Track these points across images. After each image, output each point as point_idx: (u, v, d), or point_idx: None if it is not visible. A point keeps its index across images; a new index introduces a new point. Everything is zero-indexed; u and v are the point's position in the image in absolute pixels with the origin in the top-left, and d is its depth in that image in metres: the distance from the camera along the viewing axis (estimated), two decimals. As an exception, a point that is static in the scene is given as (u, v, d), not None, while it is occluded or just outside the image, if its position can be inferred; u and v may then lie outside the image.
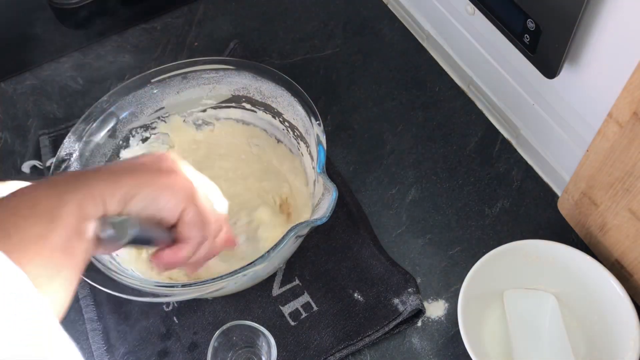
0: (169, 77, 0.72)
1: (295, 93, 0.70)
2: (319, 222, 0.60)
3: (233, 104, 0.74)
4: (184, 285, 0.60)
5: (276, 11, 0.91)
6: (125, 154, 0.73)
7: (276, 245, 0.60)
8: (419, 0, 0.84)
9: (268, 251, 0.59)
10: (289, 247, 0.63)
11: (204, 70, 0.72)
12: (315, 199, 0.63)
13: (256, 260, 0.60)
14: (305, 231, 0.61)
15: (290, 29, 0.89)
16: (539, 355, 0.62)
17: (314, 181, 0.66)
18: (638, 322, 0.59)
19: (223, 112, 0.76)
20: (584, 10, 0.54)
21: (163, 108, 0.74)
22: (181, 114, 0.75)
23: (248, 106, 0.74)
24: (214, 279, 0.59)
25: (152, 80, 0.72)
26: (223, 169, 0.75)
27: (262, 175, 0.75)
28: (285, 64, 0.86)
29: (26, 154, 0.81)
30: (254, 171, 0.75)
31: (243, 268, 0.59)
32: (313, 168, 0.66)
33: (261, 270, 0.61)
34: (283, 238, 0.60)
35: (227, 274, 0.59)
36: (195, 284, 0.60)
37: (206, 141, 0.77)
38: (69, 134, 0.70)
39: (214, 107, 0.75)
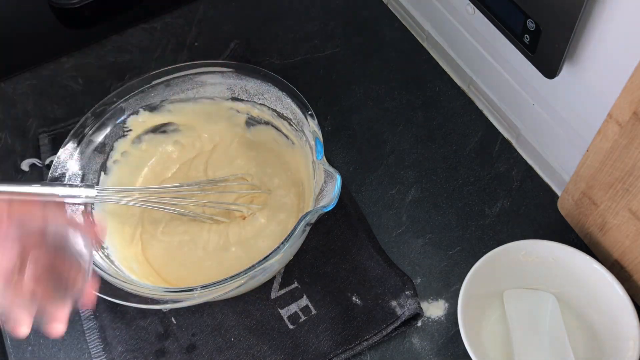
0: (151, 86, 0.72)
1: (282, 87, 0.70)
2: (326, 209, 0.60)
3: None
4: (203, 287, 0.60)
5: (276, 11, 0.91)
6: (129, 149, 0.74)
7: (289, 235, 0.60)
8: (419, 0, 0.84)
9: (282, 242, 0.60)
10: (300, 238, 0.63)
11: (187, 75, 0.73)
12: (317, 188, 0.63)
13: (271, 253, 0.60)
14: (314, 219, 0.61)
15: (290, 29, 0.89)
16: (539, 355, 0.62)
17: (314, 171, 0.66)
18: (638, 322, 0.59)
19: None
20: (584, 10, 0.53)
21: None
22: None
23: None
24: (232, 276, 0.59)
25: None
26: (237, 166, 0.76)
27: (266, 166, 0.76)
28: (285, 64, 0.86)
29: (26, 154, 0.81)
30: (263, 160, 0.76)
31: (260, 262, 0.59)
32: (313, 162, 0.66)
33: (275, 264, 0.61)
34: (295, 227, 0.60)
35: (243, 271, 0.59)
36: (213, 284, 0.60)
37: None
38: (70, 133, 0.70)
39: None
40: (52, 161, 0.73)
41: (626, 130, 0.55)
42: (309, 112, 0.68)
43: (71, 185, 0.67)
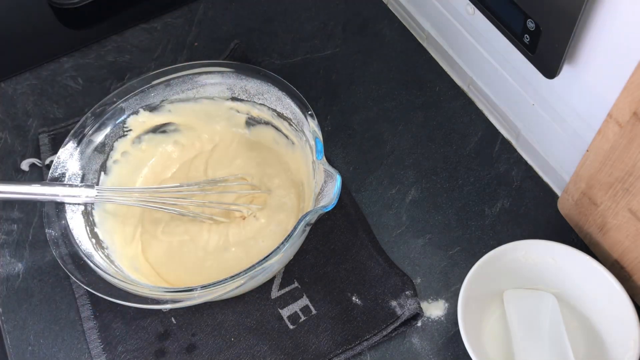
0: (151, 86, 0.72)
1: (282, 87, 0.70)
2: (326, 209, 0.60)
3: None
4: (203, 287, 0.60)
5: (276, 11, 0.91)
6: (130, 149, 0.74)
7: (289, 235, 0.60)
8: (419, 0, 0.84)
9: (282, 242, 0.60)
10: (300, 238, 0.63)
11: (187, 75, 0.73)
12: (317, 188, 0.63)
13: (271, 253, 0.60)
14: (314, 219, 0.61)
15: (290, 29, 0.89)
16: (539, 355, 0.62)
17: (314, 171, 0.66)
18: (638, 322, 0.59)
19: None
20: (583, 10, 0.53)
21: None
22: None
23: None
24: (232, 276, 0.59)
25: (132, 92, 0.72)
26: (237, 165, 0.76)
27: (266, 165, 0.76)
28: (285, 64, 0.86)
29: (26, 154, 0.81)
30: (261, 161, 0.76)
31: (260, 262, 0.59)
32: (313, 162, 0.66)
33: (275, 264, 0.61)
34: (295, 227, 0.60)
35: (243, 271, 0.59)
36: (213, 284, 0.60)
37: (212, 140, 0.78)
38: (70, 133, 0.70)
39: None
40: (52, 161, 0.73)
41: (626, 130, 0.55)
42: (309, 112, 0.68)
43: (71, 185, 0.67)
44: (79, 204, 0.67)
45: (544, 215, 0.72)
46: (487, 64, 0.75)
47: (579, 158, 0.64)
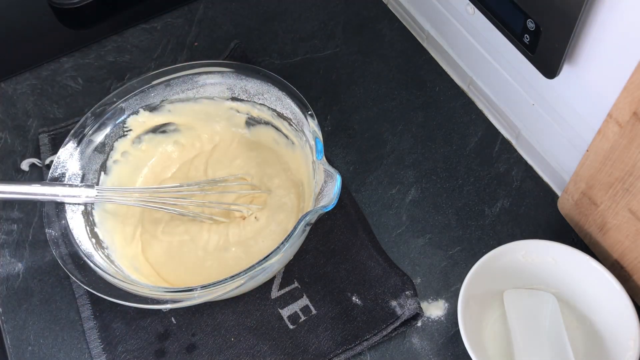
0: (151, 86, 0.72)
1: (282, 87, 0.70)
2: (326, 209, 0.60)
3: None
4: (203, 287, 0.60)
5: (276, 11, 0.91)
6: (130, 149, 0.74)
7: (289, 235, 0.60)
8: (419, 0, 0.84)
9: (282, 242, 0.60)
10: (300, 238, 0.63)
11: (187, 75, 0.73)
12: (317, 188, 0.63)
13: (271, 253, 0.60)
14: (314, 219, 0.61)
15: (290, 29, 0.89)
16: (539, 355, 0.62)
17: (314, 171, 0.66)
18: (638, 322, 0.59)
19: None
20: (583, 10, 0.54)
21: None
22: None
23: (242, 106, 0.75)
24: (232, 276, 0.59)
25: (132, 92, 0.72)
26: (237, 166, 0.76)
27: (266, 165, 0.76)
28: (285, 64, 0.86)
29: (26, 154, 0.81)
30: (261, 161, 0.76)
31: (260, 262, 0.60)
32: (313, 162, 0.66)
33: (275, 264, 0.61)
34: (295, 227, 0.60)
35: (243, 271, 0.59)
36: (213, 284, 0.60)
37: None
38: (70, 133, 0.70)
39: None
40: (52, 161, 0.73)
41: (626, 130, 0.55)
42: (309, 112, 0.68)
43: (71, 185, 0.67)
44: (79, 204, 0.67)
45: (544, 215, 0.72)
46: (487, 64, 0.75)
47: (579, 158, 0.64)
